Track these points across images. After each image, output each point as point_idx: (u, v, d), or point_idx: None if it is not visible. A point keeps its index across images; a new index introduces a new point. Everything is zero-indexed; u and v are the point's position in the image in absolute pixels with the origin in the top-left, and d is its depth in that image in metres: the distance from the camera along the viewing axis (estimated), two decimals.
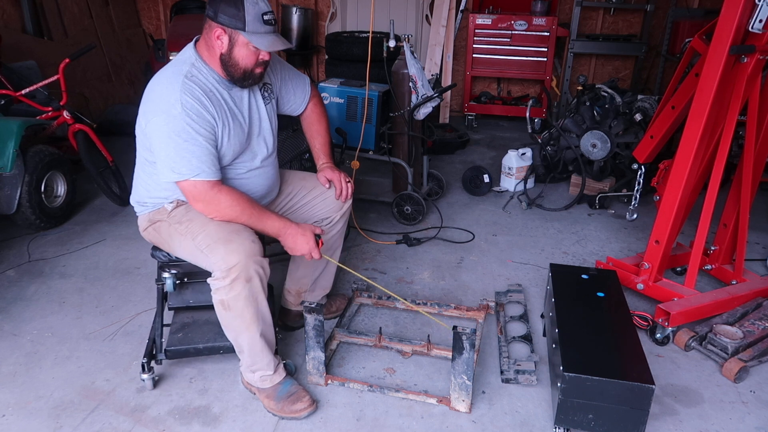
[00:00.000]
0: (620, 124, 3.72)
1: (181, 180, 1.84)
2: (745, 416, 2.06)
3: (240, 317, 1.91)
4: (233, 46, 1.86)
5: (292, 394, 2.03)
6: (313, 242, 1.99)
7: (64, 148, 3.72)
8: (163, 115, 1.81)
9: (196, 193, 1.86)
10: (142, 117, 1.89)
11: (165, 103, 1.81)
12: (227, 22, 1.83)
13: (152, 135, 1.85)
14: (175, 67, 1.90)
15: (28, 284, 2.84)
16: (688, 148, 2.37)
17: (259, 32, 1.84)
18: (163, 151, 1.83)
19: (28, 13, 4.89)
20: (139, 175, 2.07)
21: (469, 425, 2.00)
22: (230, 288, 1.85)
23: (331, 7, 6.24)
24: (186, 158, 1.81)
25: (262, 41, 1.85)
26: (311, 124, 2.37)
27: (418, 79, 3.23)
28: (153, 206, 2.05)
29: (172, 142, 1.80)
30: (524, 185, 4.03)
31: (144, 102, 1.89)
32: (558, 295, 2.22)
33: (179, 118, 1.79)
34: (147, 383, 2.11)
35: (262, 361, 2.02)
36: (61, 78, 3.55)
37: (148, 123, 1.85)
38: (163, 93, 1.84)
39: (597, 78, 6.16)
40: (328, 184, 2.31)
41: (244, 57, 1.88)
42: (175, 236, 1.98)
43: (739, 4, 2.13)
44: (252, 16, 1.82)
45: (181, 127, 1.80)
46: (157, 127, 1.82)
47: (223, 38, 1.86)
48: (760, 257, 3.18)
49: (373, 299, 2.69)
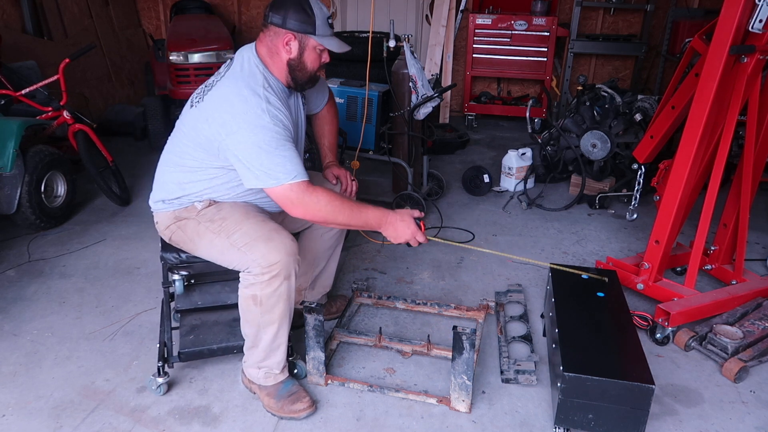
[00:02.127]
0: (620, 124, 3.72)
1: (278, 185, 1.83)
2: (745, 416, 2.06)
3: (269, 313, 1.93)
4: (303, 51, 1.92)
5: (292, 394, 2.03)
6: (414, 227, 1.99)
7: (64, 148, 3.73)
8: (249, 127, 1.81)
9: (294, 197, 1.84)
10: (219, 126, 1.85)
11: (250, 115, 1.81)
12: (298, 27, 1.88)
13: (237, 146, 1.83)
14: (249, 77, 1.90)
15: (28, 284, 2.84)
16: (688, 148, 2.38)
17: (327, 35, 1.93)
18: (255, 161, 1.82)
19: (28, 13, 4.89)
20: (168, 172, 2.05)
21: (469, 425, 2.00)
22: (267, 284, 1.87)
23: (331, 7, 6.23)
24: (281, 164, 1.81)
25: (332, 43, 1.95)
26: (324, 123, 2.40)
27: (418, 79, 3.23)
28: (180, 204, 2.03)
29: (263, 152, 1.81)
30: (524, 185, 4.03)
31: (218, 111, 1.86)
32: (558, 295, 2.22)
33: (269, 128, 1.81)
34: (162, 388, 2.11)
35: (275, 358, 2.03)
36: (61, 78, 3.56)
37: (230, 134, 1.83)
38: (246, 104, 1.83)
39: (597, 78, 6.16)
40: (335, 180, 2.35)
41: (313, 61, 1.95)
42: (206, 234, 1.98)
43: (739, 4, 2.13)
44: (321, 21, 1.89)
45: (271, 136, 1.81)
46: (244, 139, 1.82)
47: (292, 44, 1.90)
48: (760, 257, 3.18)
49: (373, 299, 2.69)
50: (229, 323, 2.20)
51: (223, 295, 2.22)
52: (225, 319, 2.23)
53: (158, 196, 2.08)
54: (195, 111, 1.94)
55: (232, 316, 2.24)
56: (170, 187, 2.04)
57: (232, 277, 2.19)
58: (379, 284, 2.90)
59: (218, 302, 2.20)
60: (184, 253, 2.08)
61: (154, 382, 2.10)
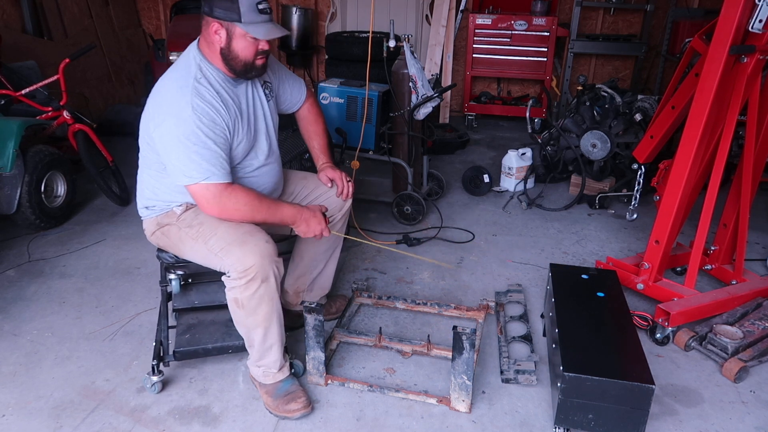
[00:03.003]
0: (620, 124, 3.72)
1: (192, 184, 1.83)
2: (745, 416, 2.06)
3: (253, 315, 1.93)
4: (231, 39, 1.86)
5: (289, 393, 2.03)
6: (324, 222, 2.05)
7: (64, 148, 3.72)
8: (172, 119, 1.80)
9: (209, 196, 1.85)
10: (149, 120, 1.88)
11: (175, 107, 1.81)
12: (223, 15, 1.83)
13: (161, 139, 1.84)
14: (183, 69, 1.90)
15: (28, 284, 2.84)
16: (688, 148, 2.37)
17: (255, 22, 1.84)
18: (173, 154, 1.82)
19: (28, 13, 4.89)
20: (144, 179, 2.05)
21: (469, 425, 2.00)
22: (246, 287, 1.87)
23: (331, 7, 6.23)
24: (196, 161, 1.81)
25: (259, 30, 1.85)
26: (308, 124, 2.38)
27: (418, 79, 3.23)
28: (160, 210, 2.04)
29: (181, 145, 1.80)
30: (524, 185, 4.03)
31: (151, 105, 1.89)
32: (558, 295, 2.22)
33: (189, 121, 1.79)
34: (156, 386, 2.11)
35: (270, 358, 2.03)
36: (61, 78, 3.55)
37: (157, 127, 1.84)
38: (173, 96, 1.83)
39: (597, 78, 6.16)
40: (330, 183, 2.32)
41: (243, 48, 1.87)
42: (186, 240, 1.98)
43: (739, 4, 2.13)
44: (246, 7, 1.82)
45: (191, 131, 1.79)
46: (167, 131, 1.81)
47: (220, 32, 1.85)
48: (760, 257, 3.18)
49: (373, 299, 2.69)
50: (225, 323, 2.19)
51: (220, 294, 2.20)
52: (221, 318, 2.22)
53: (140, 202, 2.09)
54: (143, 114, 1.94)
55: (228, 316, 2.22)
56: (146, 193, 2.05)
57: None
58: (379, 284, 2.90)
59: (215, 302, 2.20)
60: None
61: (148, 380, 2.11)
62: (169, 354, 2.13)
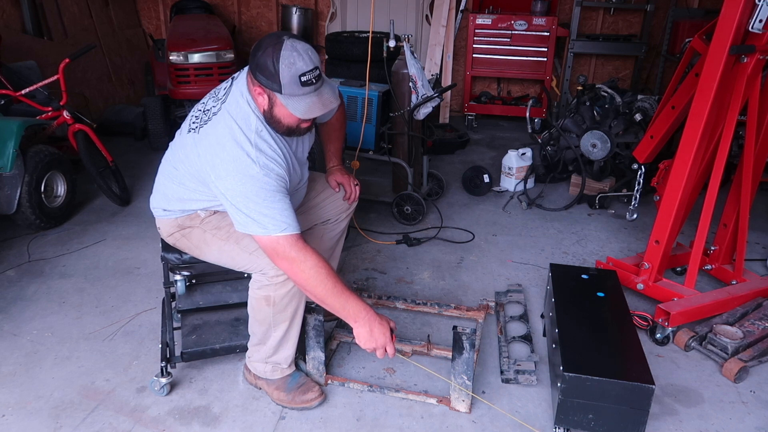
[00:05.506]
0: (620, 124, 3.72)
1: (266, 235, 1.74)
2: (745, 416, 2.06)
3: (282, 312, 1.95)
4: (273, 106, 1.76)
5: (302, 385, 2.06)
6: (389, 336, 1.84)
7: (64, 148, 3.72)
8: (239, 176, 1.73)
9: (280, 250, 1.75)
10: (206, 164, 1.78)
11: (240, 164, 1.73)
12: (264, 83, 1.72)
13: (226, 192, 1.76)
14: (241, 120, 1.79)
15: (28, 284, 2.84)
16: (688, 148, 2.38)
17: (296, 95, 1.72)
18: (243, 208, 1.74)
19: (28, 13, 4.88)
20: (168, 185, 1.99)
21: (469, 425, 2.00)
22: (282, 285, 1.89)
23: (331, 7, 6.23)
24: (269, 216, 1.73)
25: (299, 105, 1.73)
26: (332, 130, 2.35)
27: (418, 79, 3.23)
28: (182, 213, 2.00)
29: (251, 202, 1.73)
30: (524, 185, 4.03)
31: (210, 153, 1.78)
32: (558, 295, 2.22)
33: (257, 178, 1.73)
34: (165, 388, 2.11)
35: (284, 353, 2.05)
36: (61, 78, 3.55)
37: (219, 179, 1.76)
38: (237, 151, 1.75)
39: (597, 78, 6.16)
40: (338, 187, 2.31)
41: (286, 116, 1.78)
42: (213, 242, 1.97)
43: (739, 4, 2.13)
44: (288, 80, 1.68)
45: (260, 187, 1.73)
46: (232, 186, 1.74)
47: (263, 96, 1.76)
48: (760, 257, 3.18)
49: (373, 299, 2.69)
50: (231, 323, 2.21)
51: (225, 294, 2.23)
52: (227, 318, 2.24)
53: (160, 204, 2.04)
54: (191, 139, 1.86)
55: (233, 316, 2.25)
56: (172, 200, 2.00)
57: (233, 277, 2.21)
58: (379, 284, 2.90)
59: (220, 302, 2.21)
60: (186, 253, 2.08)
61: (157, 383, 2.10)
62: (176, 355, 2.13)
